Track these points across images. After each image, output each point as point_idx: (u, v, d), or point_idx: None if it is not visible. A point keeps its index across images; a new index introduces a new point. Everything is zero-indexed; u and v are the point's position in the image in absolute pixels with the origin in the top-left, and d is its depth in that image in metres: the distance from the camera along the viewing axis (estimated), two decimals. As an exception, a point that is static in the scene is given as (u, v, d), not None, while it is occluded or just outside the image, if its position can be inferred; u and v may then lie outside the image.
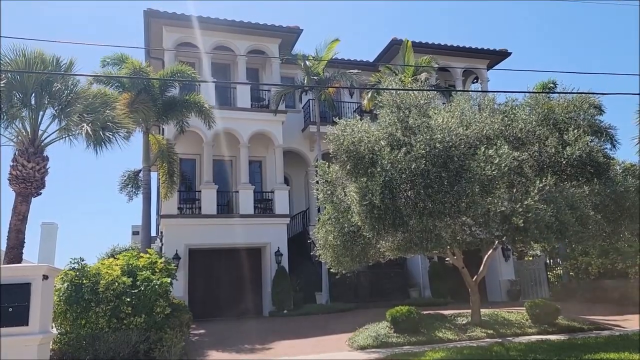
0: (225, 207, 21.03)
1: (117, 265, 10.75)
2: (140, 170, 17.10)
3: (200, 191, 20.01)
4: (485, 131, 11.23)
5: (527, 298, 22.44)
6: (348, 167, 10.65)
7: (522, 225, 9.59)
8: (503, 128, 11.39)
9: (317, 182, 12.03)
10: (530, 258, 25.44)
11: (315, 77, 19.56)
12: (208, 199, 19.58)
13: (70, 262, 10.07)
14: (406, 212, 9.86)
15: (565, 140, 11.60)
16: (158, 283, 10.22)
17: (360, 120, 11.04)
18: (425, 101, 10.91)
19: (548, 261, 23.58)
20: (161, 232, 20.25)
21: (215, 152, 20.89)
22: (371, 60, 24.42)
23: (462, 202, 9.69)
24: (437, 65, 20.71)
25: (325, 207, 12.15)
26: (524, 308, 13.59)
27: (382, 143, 10.29)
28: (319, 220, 12.33)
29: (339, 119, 11.46)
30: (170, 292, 12.03)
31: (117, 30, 53.87)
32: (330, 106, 20.24)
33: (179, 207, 19.98)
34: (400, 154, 9.74)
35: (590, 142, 11.34)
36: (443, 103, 13.84)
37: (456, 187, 9.62)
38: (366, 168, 10.35)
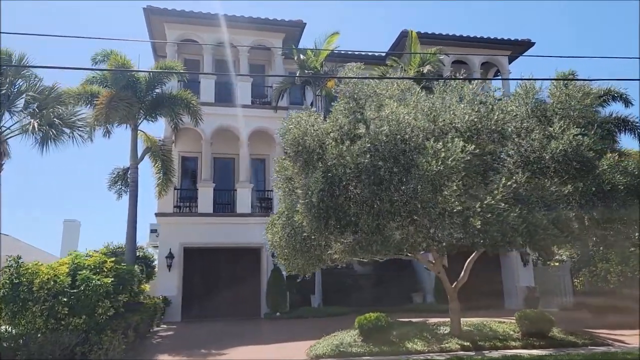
0: (228, 206, 20.64)
1: (65, 264, 10.48)
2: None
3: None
4: (455, 123, 10.23)
5: (548, 306, 20.85)
6: (300, 162, 9.94)
7: (480, 227, 8.57)
8: (476, 120, 10.29)
9: (276, 178, 11.36)
10: (556, 264, 23.67)
11: (310, 71, 18.83)
12: (205, 197, 19.29)
13: (7, 259, 9.88)
14: (354, 212, 9.05)
15: (552, 133, 10.44)
16: (98, 283, 9.82)
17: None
18: (381, 91, 9.99)
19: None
20: (150, 230, 20.17)
21: (218, 150, 20.62)
22: (383, 54, 23.37)
23: (416, 200, 8.78)
24: (442, 56, 19.56)
25: (280, 206, 11.46)
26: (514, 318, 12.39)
27: (332, 136, 9.51)
28: (271, 220, 11.66)
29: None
30: (142, 291, 11.69)
31: (126, 30, 54.64)
32: (332, 101, 19.43)
33: (178, 206, 19.81)
34: (344, 147, 8.93)
35: (578, 135, 10.05)
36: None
37: (405, 186, 8.72)
38: (316, 163, 9.60)
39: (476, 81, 11.46)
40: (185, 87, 19.38)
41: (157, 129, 25.39)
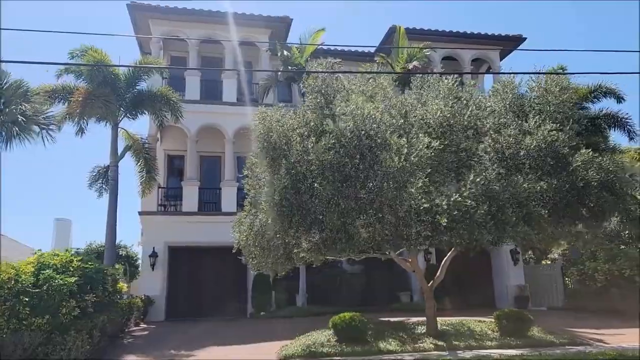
0: (214, 205, 20.43)
1: (31, 263, 10.31)
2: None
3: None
4: (427, 119, 10.01)
5: (539, 305, 20.61)
6: (267, 159, 9.74)
7: (447, 224, 8.35)
8: (449, 115, 10.07)
9: (247, 176, 11.17)
10: (548, 262, 23.40)
11: (294, 68, 18.61)
12: (190, 195, 19.13)
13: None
14: (319, 210, 8.84)
15: (527, 129, 10.21)
16: (61, 282, 9.65)
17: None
18: (352, 86, 9.77)
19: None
20: (141, 229, 19.98)
21: (204, 148, 20.47)
22: (371, 50, 23.10)
23: (381, 197, 8.56)
24: (430, 52, 19.25)
25: (246, 204, 11.28)
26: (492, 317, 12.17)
27: (298, 132, 9.30)
28: (238, 218, 11.46)
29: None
30: (119, 290, 11.53)
31: (119, 28, 54.52)
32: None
33: (162, 204, 19.65)
34: (309, 144, 8.73)
35: (553, 130, 9.81)
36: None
37: (371, 182, 8.52)
38: (281, 160, 9.40)
39: (451, 76, 11.22)
40: (171, 84, 19.24)
41: (144, 126, 25.19)
